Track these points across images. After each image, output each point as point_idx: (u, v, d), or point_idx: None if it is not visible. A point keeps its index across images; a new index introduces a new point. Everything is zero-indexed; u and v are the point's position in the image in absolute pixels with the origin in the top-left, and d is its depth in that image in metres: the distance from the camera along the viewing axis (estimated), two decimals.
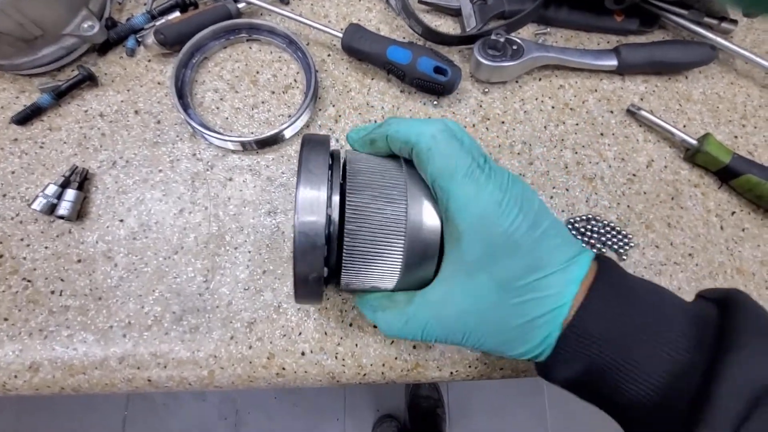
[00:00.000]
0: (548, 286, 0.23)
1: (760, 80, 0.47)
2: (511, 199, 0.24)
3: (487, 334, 0.24)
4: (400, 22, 0.45)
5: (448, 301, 0.24)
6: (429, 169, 0.24)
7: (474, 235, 0.23)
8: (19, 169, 0.37)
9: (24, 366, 0.33)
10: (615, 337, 0.22)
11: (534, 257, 0.23)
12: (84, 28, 0.39)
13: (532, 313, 0.23)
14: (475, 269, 0.24)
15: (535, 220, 0.24)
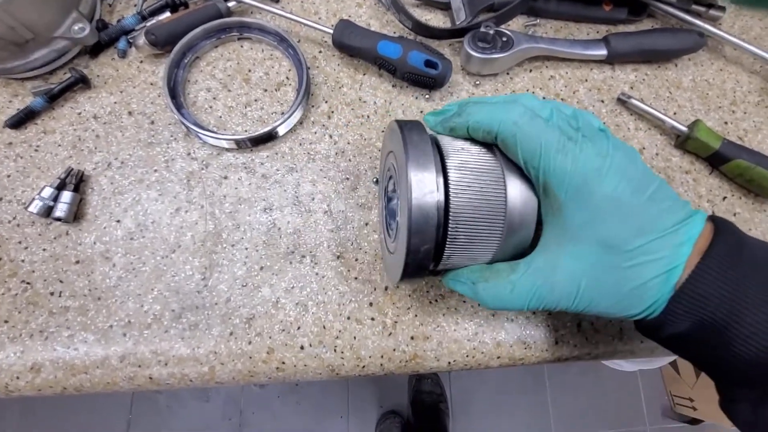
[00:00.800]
0: (660, 249, 0.23)
1: (749, 66, 0.48)
2: (612, 165, 0.24)
3: (599, 297, 0.25)
4: (390, 17, 0.45)
5: (557, 267, 0.25)
6: (520, 154, 0.25)
7: (576, 203, 0.24)
8: (14, 173, 0.38)
9: (26, 367, 0.33)
10: (729, 299, 0.22)
11: (642, 220, 0.24)
12: (75, 30, 0.39)
13: (644, 275, 0.23)
14: (581, 235, 0.24)
15: (639, 184, 0.24)
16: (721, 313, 0.22)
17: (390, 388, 1.42)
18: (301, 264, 0.37)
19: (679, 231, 0.24)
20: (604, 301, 0.25)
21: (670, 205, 0.24)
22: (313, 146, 0.40)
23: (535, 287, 0.25)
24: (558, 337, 0.37)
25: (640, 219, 0.24)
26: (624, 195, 0.24)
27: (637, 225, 0.24)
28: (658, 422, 1.47)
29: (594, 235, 0.24)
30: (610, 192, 0.23)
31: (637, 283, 0.24)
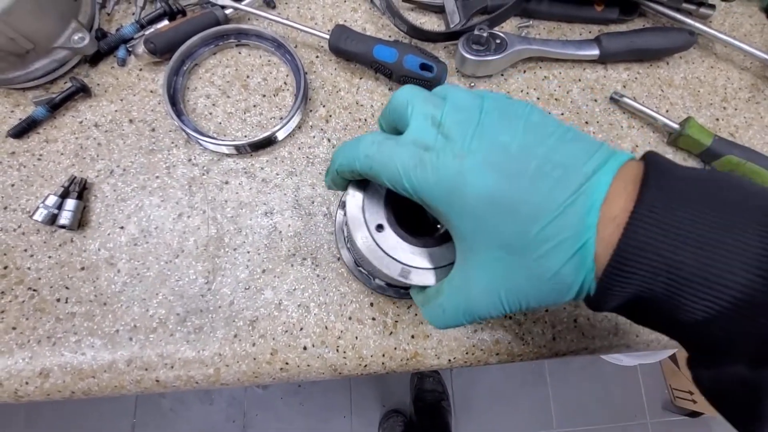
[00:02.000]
0: (558, 231, 0.20)
1: (740, 63, 0.48)
2: (474, 163, 0.21)
3: (524, 298, 0.22)
4: (386, 21, 0.46)
5: (471, 282, 0.23)
6: (384, 182, 0.24)
7: (455, 213, 0.22)
8: (18, 182, 0.38)
9: (34, 372, 0.34)
10: (666, 259, 0.19)
11: (528, 208, 0.21)
12: (75, 40, 0.39)
13: (553, 265, 0.21)
14: (477, 243, 0.22)
15: (515, 168, 0.21)
16: (661, 276, 0.19)
17: (392, 387, 1.43)
18: (303, 266, 0.37)
19: (576, 201, 0.20)
20: (533, 300, 0.23)
21: (560, 175, 0.21)
22: (312, 150, 0.41)
23: (462, 306, 0.24)
24: (555, 333, 0.37)
25: (527, 205, 0.21)
26: (498, 188, 0.21)
27: (527, 213, 0.21)
28: (659, 415, 1.49)
29: (487, 240, 0.22)
30: (482, 191, 0.21)
31: (550, 274, 0.21)
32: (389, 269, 0.27)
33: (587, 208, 0.20)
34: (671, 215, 0.19)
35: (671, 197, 0.19)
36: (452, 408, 1.39)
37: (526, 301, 0.23)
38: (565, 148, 0.21)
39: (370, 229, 0.27)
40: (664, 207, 0.19)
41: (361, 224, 0.28)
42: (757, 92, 0.48)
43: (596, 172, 0.21)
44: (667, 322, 0.21)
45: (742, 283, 0.18)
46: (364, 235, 0.27)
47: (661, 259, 0.19)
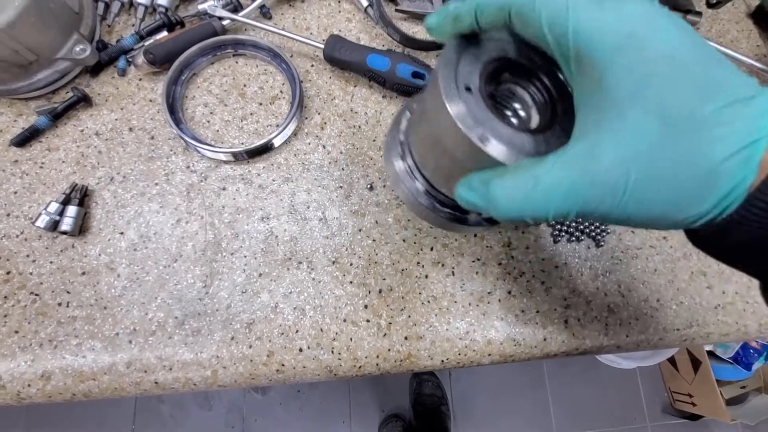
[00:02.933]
0: (733, 118, 0.17)
1: None
2: (664, 14, 0.19)
3: (655, 189, 0.18)
4: (379, 31, 0.47)
5: (598, 153, 0.19)
6: (543, 21, 0.20)
7: (621, 64, 0.18)
8: (21, 189, 0.39)
9: (36, 375, 0.35)
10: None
11: (706, 81, 0.18)
12: (76, 51, 0.40)
13: (717, 153, 0.17)
14: (631, 106, 0.18)
15: (702, 42, 0.18)
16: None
17: (391, 391, 1.43)
18: (298, 270, 0.38)
19: (755, 99, 0.18)
20: (662, 195, 0.18)
21: (736, 71, 0.18)
22: (308, 156, 0.42)
23: (569, 180, 0.19)
24: (546, 334, 0.38)
25: (702, 79, 0.18)
26: (685, 49, 0.18)
27: (703, 89, 0.18)
28: (659, 419, 1.49)
29: (647, 103, 0.18)
30: (666, 47, 0.18)
31: (708, 164, 0.17)
32: (468, 129, 0.22)
33: (765, 109, 0.17)
34: None
35: None
36: (451, 412, 1.39)
37: (652, 197, 0.18)
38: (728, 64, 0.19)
39: (459, 86, 0.23)
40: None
41: (451, 77, 0.23)
42: None
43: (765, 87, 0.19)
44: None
45: None
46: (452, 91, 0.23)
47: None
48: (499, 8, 0.21)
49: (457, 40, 0.25)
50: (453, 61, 0.24)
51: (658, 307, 0.40)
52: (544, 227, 0.41)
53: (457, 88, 0.23)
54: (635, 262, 0.41)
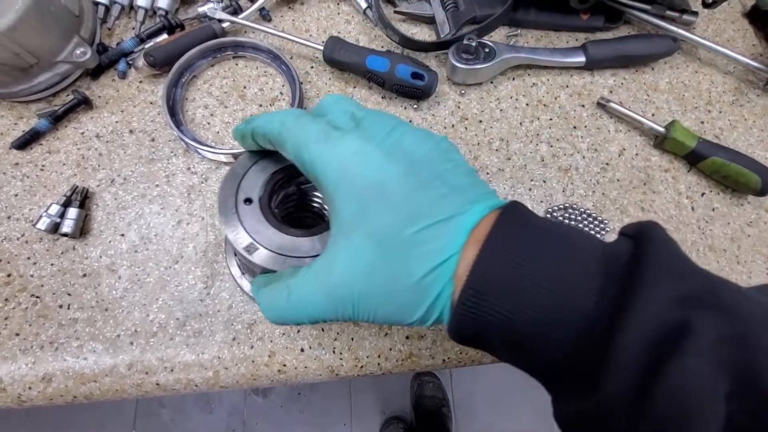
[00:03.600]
0: (434, 237, 0.20)
1: (723, 67, 0.50)
2: (376, 148, 0.22)
3: (376, 302, 0.21)
4: (378, 33, 0.47)
5: (332, 267, 0.22)
6: (287, 150, 0.24)
7: (341, 194, 0.22)
8: (21, 192, 0.39)
9: (37, 377, 0.35)
10: (516, 293, 0.19)
11: (411, 207, 0.21)
12: (77, 54, 0.41)
13: (418, 270, 0.20)
14: (351, 227, 0.21)
15: (411, 169, 0.22)
16: (512, 311, 0.19)
17: (392, 393, 1.43)
18: None
19: (453, 218, 0.21)
20: (383, 307, 0.21)
21: (446, 192, 0.22)
22: None
23: (312, 293, 0.22)
24: None
25: (408, 206, 0.21)
26: (391, 179, 0.21)
27: (406, 212, 0.21)
28: None
29: (362, 226, 0.21)
30: (373, 176, 0.21)
31: (410, 280, 0.20)
32: (237, 241, 0.26)
33: (462, 227, 0.21)
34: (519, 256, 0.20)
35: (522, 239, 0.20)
36: (453, 414, 1.39)
37: (376, 309, 0.22)
38: (460, 177, 0.23)
39: (238, 199, 0.27)
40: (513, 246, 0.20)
41: (232, 192, 0.27)
42: (741, 95, 0.49)
43: (476, 203, 0.22)
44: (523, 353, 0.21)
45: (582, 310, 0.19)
46: (229, 203, 0.27)
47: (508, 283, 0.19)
48: (262, 135, 0.25)
49: (249, 152, 0.28)
50: (239, 174, 0.28)
51: None
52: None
53: (235, 202, 0.27)
54: None
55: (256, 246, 0.26)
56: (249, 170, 0.28)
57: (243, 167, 0.28)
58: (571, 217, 0.41)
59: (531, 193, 0.43)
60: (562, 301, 0.19)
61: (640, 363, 0.17)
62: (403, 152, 0.22)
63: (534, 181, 0.43)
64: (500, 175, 0.43)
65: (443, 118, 0.45)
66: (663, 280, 0.18)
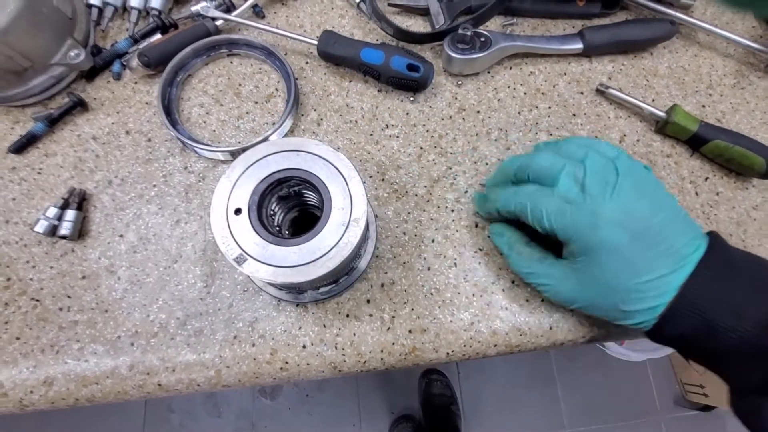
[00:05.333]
0: (649, 290, 0.29)
1: (723, 50, 0.49)
2: (606, 219, 0.29)
3: (591, 311, 0.32)
4: (373, 26, 0.47)
5: (563, 283, 0.32)
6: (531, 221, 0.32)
7: (578, 248, 0.30)
8: (19, 196, 0.39)
9: (39, 381, 0.35)
10: (716, 306, 0.28)
11: (638, 264, 0.29)
12: (71, 56, 0.40)
13: (630, 307, 0.29)
14: (584, 272, 0.31)
15: (637, 232, 0.29)
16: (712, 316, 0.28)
17: (400, 392, 1.43)
18: None
19: (668, 277, 0.28)
20: (600, 312, 0.32)
21: (665, 249, 0.29)
22: None
23: (546, 282, 0.33)
24: (552, 322, 0.38)
25: (635, 263, 0.29)
26: (620, 243, 0.29)
27: (633, 268, 0.29)
28: (671, 411, 1.47)
29: (592, 274, 0.30)
30: (605, 241, 0.29)
31: (623, 310, 0.30)
32: (227, 252, 0.27)
33: (672, 286, 0.28)
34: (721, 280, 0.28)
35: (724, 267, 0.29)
36: (461, 411, 1.38)
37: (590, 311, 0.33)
38: (674, 225, 0.30)
39: (228, 210, 0.28)
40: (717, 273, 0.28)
41: (222, 203, 0.28)
42: (742, 78, 0.48)
43: (688, 256, 0.29)
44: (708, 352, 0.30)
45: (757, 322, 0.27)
46: (220, 214, 0.28)
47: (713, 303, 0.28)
48: (508, 212, 0.35)
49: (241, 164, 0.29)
50: (229, 184, 0.29)
51: None
52: None
53: (226, 212, 0.28)
54: None
55: (245, 257, 0.27)
56: (240, 178, 0.29)
57: (235, 175, 0.29)
58: None
59: None
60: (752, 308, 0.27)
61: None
62: (628, 214, 0.29)
63: None
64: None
65: (440, 110, 0.44)
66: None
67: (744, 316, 0.27)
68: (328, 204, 0.29)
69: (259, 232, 0.28)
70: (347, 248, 0.28)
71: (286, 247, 0.28)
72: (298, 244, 0.28)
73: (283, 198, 0.32)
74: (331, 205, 0.29)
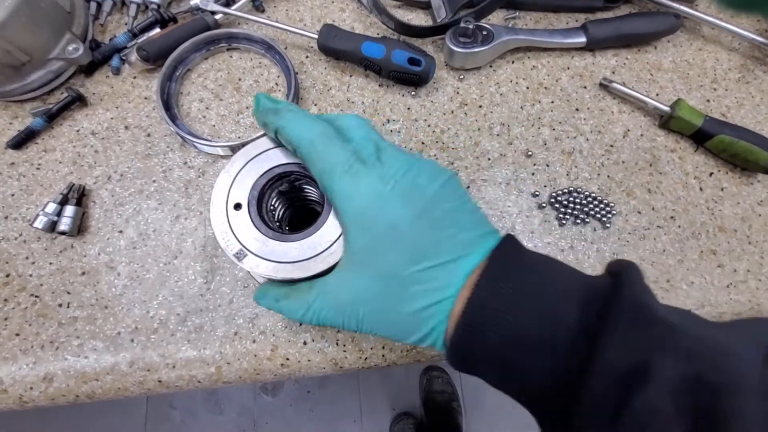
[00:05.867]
0: (433, 278, 0.23)
1: (728, 44, 0.49)
2: (395, 190, 0.24)
3: (377, 323, 0.25)
4: (374, 20, 0.46)
5: (342, 290, 0.25)
6: (313, 172, 0.26)
7: (356, 227, 0.24)
8: (18, 191, 0.39)
9: (38, 377, 0.34)
10: (503, 330, 0.22)
11: (419, 247, 0.24)
12: (69, 51, 0.40)
13: (416, 304, 0.23)
14: (361, 260, 0.24)
15: (423, 210, 0.24)
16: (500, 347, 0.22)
17: (402, 389, 1.43)
18: None
19: (457, 261, 0.24)
20: (383, 327, 0.25)
21: (454, 232, 0.24)
22: None
23: (326, 309, 0.26)
24: None
25: (416, 246, 0.24)
26: (403, 221, 0.23)
27: (414, 252, 0.24)
28: None
29: (373, 262, 0.24)
30: (387, 218, 0.24)
31: (409, 310, 0.24)
32: (227, 248, 0.27)
33: (462, 270, 0.24)
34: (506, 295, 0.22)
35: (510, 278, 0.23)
36: (463, 408, 1.38)
37: (378, 328, 0.25)
38: (465, 215, 0.25)
39: (228, 205, 0.28)
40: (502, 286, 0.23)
41: (222, 198, 0.28)
42: (747, 72, 0.48)
43: (477, 245, 0.24)
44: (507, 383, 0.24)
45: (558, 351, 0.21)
46: (220, 209, 0.28)
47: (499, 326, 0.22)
48: (288, 142, 0.27)
49: (241, 158, 0.28)
50: (229, 178, 0.28)
51: (669, 288, 0.39)
52: (549, 210, 0.40)
53: (225, 207, 0.28)
54: (643, 243, 0.40)
55: (245, 252, 0.27)
56: (239, 173, 0.28)
57: (234, 170, 0.28)
58: (575, 201, 0.40)
59: (534, 177, 0.42)
60: (539, 340, 0.22)
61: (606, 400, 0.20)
62: (418, 191, 0.24)
63: (537, 165, 0.42)
64: (502, 160, 0.42)
65: (442, 105, 0.44)
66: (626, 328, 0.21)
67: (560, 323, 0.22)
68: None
69: (259, 228, 0.28)
70: None
71: (286, 242, 0.27)
72: (299, 240, 0.27)
73: (284, 193, 0.32)
74: None
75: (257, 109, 0.28)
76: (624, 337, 0.20)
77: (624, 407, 0.19)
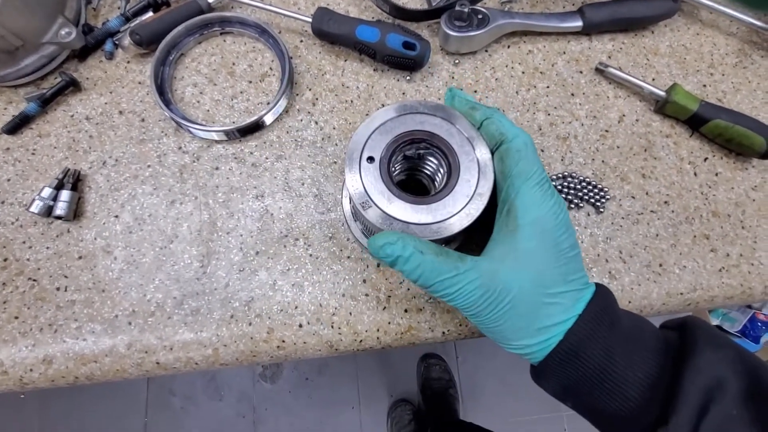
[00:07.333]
0: (567, 299, 0.27)
1: (725, 29, 0.48)
2: (564, 218, 0.28)
3: (514, 317, 0.27)
4: (368, 3, 0.46)
5: (497, 276, 0.27)
6: (513, 168, 0.28)
7: (530, 230, 0.27)
8: (14, 177, 0.39)
9: (38, 359, 0.35)
10: (598, 357, 0.26)
11: (567, 271, 0.28)
12: (62, 35, 0.40)
13: (554, 317, 0.27)
14: (525, 260, 0.27)
15: (573, 242, 0.28)
16: (592, 369, 0.26)
17: (399, 376, 1.44)
18: (295, 247, 0.38)
19: (582, 291, 0.28)
20: (510, 322, 0.27)
21: (581, 267, 0.29)
22: (300, 133, 0.41)
23: (473, 282, 0.27)
24: None
25: (566, 269, 0.28)
26: (563, 245, 0.28)
27: (564, 273, 0.28)
28: None
29: (535, 265, 0.27)
30: (557, 237, 0.27)
31: (546, 322, 0.27)
32: (355, 195, 0.29)
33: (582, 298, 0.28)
34: (603, 331, 0.27)
35: (606, 318, 0.27)
36: (460, 395, 1.40)
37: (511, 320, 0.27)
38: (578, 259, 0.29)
39: (362, 156, 0.29)
40: (601, 323, 0.27)
41: (359, 148, 0.30)
42: (744, 57, 0.47)
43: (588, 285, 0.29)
44: (590, 408, 0.28)
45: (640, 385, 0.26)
46: (355, 158, 0.29)
47: (595, 353, 0.26)
48: (500, 133, 0.29)
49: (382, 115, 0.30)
50: (365, 135, 0.30)
51: (661, 272, 0.40)
52: None
53: (360, 158, 0.29)
54: (636, 227, 0.41)
55: (370, 203, 0.29)
56: (376, 130, 0.30)
57: (369, 129, 0.30)
58: (570, 185, 0.41)
59: None
60: (631, 369, 0.26)
61: (697, 403, 0.24)
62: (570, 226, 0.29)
63: None
64: None
65: (437, 89, 0.44)
66: (706, 349, 0.26)
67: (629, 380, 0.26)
68: (456, 174, 0.30)
69: (386, 184, 0.29)
70: (467, 219, 0.29)
71: (407, 203, 0.29)
72: (420, 204, 0.29)
73: (407, 158, 0.33)
74: (459, 175, 0.30)
75: (458, 97, 0.32)
76: (705, 356, 0.26)
77: (706, 411, 0.24)
